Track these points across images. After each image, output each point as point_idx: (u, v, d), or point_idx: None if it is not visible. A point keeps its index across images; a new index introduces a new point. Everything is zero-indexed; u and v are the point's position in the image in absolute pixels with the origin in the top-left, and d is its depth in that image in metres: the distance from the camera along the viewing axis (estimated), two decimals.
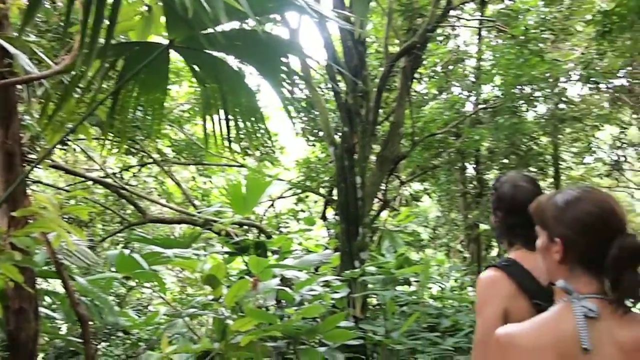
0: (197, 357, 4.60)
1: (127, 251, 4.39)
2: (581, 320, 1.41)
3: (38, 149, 7.04)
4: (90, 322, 5.12)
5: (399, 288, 7.74)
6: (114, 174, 10.18)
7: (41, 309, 3.47)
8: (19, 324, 3.21)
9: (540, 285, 2.04)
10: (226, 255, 6.86)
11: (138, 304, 10.17)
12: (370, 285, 6.75)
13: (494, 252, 14.07)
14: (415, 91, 11.28)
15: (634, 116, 12.05)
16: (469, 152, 10.88)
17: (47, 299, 4.93)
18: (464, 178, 12.40)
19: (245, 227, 8.71)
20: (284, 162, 11.04)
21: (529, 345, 1.42)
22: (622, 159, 11.96)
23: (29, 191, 3.66)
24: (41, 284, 5.37)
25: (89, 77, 3.13)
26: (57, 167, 7.91)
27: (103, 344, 6.98)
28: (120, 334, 7.08)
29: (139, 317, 8.11)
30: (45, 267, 4.05)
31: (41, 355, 5.31)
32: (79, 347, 4.21)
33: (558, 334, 1.42)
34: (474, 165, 12.38)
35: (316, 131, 10.20)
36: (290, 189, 9.95)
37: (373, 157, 8.67)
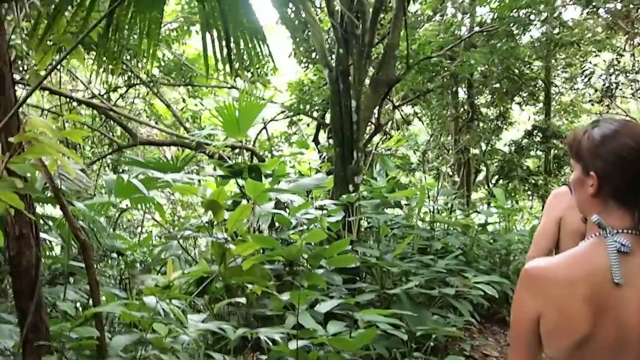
0: (196, 280, 4.65)
1: (125, 176, 4.33)
2: (614, 254, 1.41)
3: (21, 69, 6.81)
4: None
5: (388, 211, 7.84)
6: (101, 95, 9.95)
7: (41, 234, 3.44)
8: (20, 249, 3.19)
9: None
10: (220, 179, 6.83)
11: (129, 225, 10.20)
12: (363, 209, 6.81)
13: (481, 176, 14.25)
14: (410, 12, 10.98)
15: (629, 42, 11.90)
16: (462, 76, 10.74)
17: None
18: (456, 102, 12.31)
19: (237, 150, 8.64)
20: (275, 84, 10.84)
21: (561, 278, 1.44)
22: (614, 85, 11.86)
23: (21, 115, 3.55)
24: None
25: None
26: (44, 88, 7.67)
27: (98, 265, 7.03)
28: (114, 255, 7.12)
29: (131, 239, 8.17)
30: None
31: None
32: (81, 272, 4.22)
33: (590, 268, 1.43)
34: (466, 89, 12.27)
35: (309, 53, 9.98)
36: (282, 111, 9.81)
37: (367, 80, 8.54)
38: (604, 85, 12.05)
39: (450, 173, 11.98)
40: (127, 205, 7.12)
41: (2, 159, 2.92)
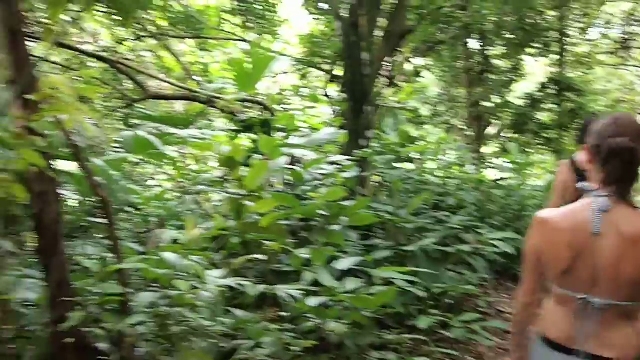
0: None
1: (141, 132, 4.30)
2: (596, 211, 1.90)
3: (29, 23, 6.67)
4: None
5: (399, 166, 7.79)
6: (109, 48, 9.82)
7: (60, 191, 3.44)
8: (43, 207, 3.20)
9: (582, 172, 3.66)
10: (231, 133, 6.80)
11: (140, 178, 10.18)
12: (375, 164, 6.78)
13: (492, 130, 14.12)
14: None
15: None
16: (475, 26, 10.52)
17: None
18: (468, 54, 12.09)
19: (248, 104, 8.56)
20: (285, 36, 10.64)
21: (553, 226, 1.96)
22: (630, 36, 11.59)
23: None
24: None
25: None
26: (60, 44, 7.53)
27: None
28: (127, 209, 7.13)
29: (143, 192, 8.17)
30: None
31: None
32: (96, 227, 4.24)
33: (576, 221, 1.93)
34: (479, 41, 12.03)
35: (320, 4, 9.76)
36: (293, 64, 9.67)
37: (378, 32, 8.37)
38: (620, 35, 11.79)
39: (462, 127, 11.87)
40: (140, 159, 7.11)
41: (22, 117, 2.91)
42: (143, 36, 9.76)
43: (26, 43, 3.45)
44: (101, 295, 3.33)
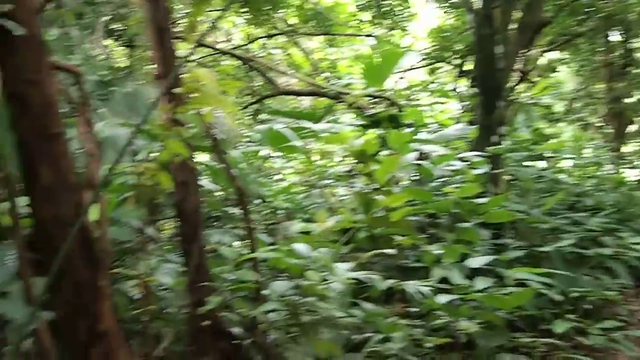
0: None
1: (278, 126, 4.44)
2: None
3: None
4: None
5: (530, 164, 7.45)
6: (240, 46, 10.22)
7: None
8: (185, 195, 3.38)
9: None
10: (360, 128, 6.81)
11: (268, 172, 10.52)
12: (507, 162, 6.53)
13: (633, 127, 13.14)
14: None
15: None
16: (618, 17, 9.81)
17: None
18: (608, 47, 11.31)
19: (374, 99, 8.56)
20: (413, 30, 10.52)
21: None
22: None
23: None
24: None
25: None
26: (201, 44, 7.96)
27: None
28: (256, 201, 7.38)
29: (271, 185, 8.42)
30: None
31: None
32: (232, 218, 4.43)
33: None
34: (622, 33, 11.21)
35: None
36: (423, 59, 9.53)
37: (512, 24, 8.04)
38: None
39: (599, 124, 11.14)
40: (269, 153, 7.33)
41: (169, 110, 3.07)
42: (274, 35, 10.05)
43: (172, 40, 3.66)
44: (235, 282, 3.46)
